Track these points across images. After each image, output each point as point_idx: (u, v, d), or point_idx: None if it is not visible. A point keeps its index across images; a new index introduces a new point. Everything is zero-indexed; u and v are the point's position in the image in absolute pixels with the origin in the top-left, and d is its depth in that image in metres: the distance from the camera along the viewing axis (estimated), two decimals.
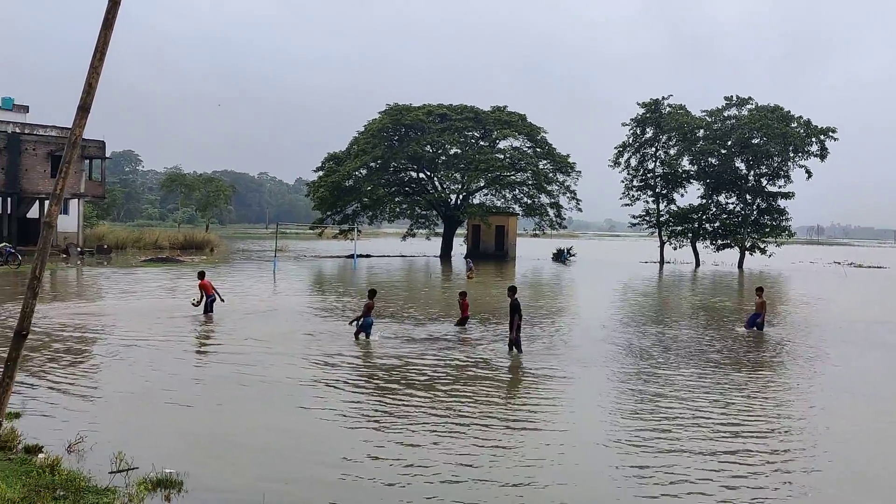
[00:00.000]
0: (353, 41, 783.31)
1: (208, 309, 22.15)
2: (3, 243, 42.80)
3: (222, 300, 22.84)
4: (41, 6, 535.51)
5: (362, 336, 18.30)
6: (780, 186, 62.72)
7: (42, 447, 8.90)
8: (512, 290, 17.70)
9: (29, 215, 53.21)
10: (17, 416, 10.44)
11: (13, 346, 5.00)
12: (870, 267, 66.21)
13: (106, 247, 55.86)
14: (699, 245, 64.35)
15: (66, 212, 53.42)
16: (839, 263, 69.28)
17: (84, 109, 5.19)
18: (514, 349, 16.97)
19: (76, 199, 54.29)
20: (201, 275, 23.26)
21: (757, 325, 21.88)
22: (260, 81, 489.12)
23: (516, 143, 66.75)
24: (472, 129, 65.93)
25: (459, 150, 64.77)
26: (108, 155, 58.75)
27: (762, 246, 62.31)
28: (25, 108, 60.16)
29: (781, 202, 62.67)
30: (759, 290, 22.70)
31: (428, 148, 64.41)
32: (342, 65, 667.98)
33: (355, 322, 19.00)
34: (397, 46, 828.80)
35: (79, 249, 51.53)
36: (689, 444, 10.33)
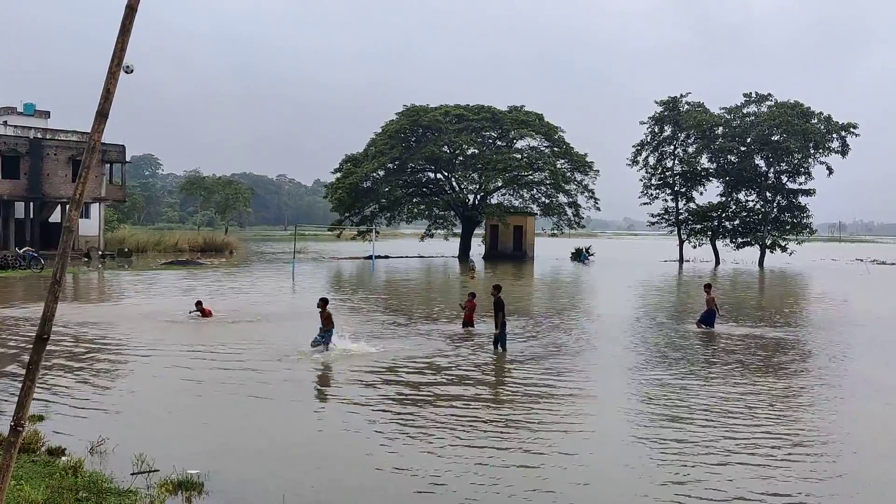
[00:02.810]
0: (374, 37, 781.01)
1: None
2: (26, 247, 43.32)
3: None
4: (64, 5, 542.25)
5: (322, 348, 16.52)
6: (800, 183, 62.31)
7: (65, 449, 9.00)
8: (497, 288, 18.08)
9: (51, 219, 53.81)
10: (40, 418, 10.57)
11: (35, 349, 5.05)
12: (894, 264, 65.44)
13: (127, 250, 56.35)
14: (719, 243, 63.93)
15: (87, 216, 53.95)
16: (861, 261, 68.55)
17: (102, 115, 5.23)
18: (499, 347, 17.11)
19: (97, 203, 54.81)
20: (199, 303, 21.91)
21: (705, 322, 21.53)
22: (280, 79, 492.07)
23: (533, 143, 66.74)
24: (490, 130, 65.93)
25: (477, 151, 64.76)
26: (128, 159, 59.33)
27: (783, 244, 61.85)
28: (47, 114, 60.82)
29: (802, 199, 62.30)
30: (708, 287, 22.51)
31: (445, 148, 64.46)
32: (362, 61, 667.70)
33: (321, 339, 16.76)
34: (418, 42, 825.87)
35: (100, 253, 52.02)
36: (720, 455, 10.25)
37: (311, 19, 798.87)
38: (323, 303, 17.05)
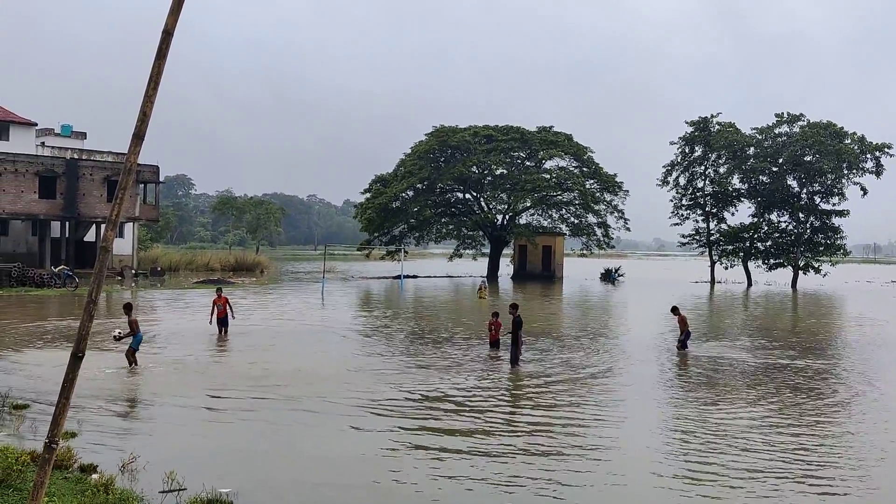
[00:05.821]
0: (405, 45, 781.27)
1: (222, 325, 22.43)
2: (61, 266, 44.00)
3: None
4: (105, 21, 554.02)
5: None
6: (834, 204, 61.56)
7: (96, 466, 9.09)
8: (514, 307, 18.37)
9: (86, 239, 54.65)
10: (73, 435, 10.68)
11: (70, 367, 5.12)
12: None
13: (159, 269, 57.01)
14: (751, 264, 63.21)
15: (121, 235, 54.72)
16: None
17: (139, 137, 5.33)
18: (515, 364, 17.47)
19: (131, 223, 55.61)
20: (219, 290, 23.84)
21: (680, 345, 21.20)
22: (310, 89, 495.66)
23: (562, 163, 66.60)
24: (518, 150, 66.00)
25: (505, 171, 64.83)
26: (161, 179, 60.16)
27: (816, 265, 61.00)
28: (83, 135, 62.00)
29: (836, 220, 61.46)
30: (675, 310, 22.05)
31: (474, 169, 64.61)
32: (393, 69, 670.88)
33: (122, 339, 17.14)
34: (451, 48, 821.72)
35: (133, 272, 52.68)
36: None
37: (340, 29, 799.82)
38: (127, 308, 16.85)
